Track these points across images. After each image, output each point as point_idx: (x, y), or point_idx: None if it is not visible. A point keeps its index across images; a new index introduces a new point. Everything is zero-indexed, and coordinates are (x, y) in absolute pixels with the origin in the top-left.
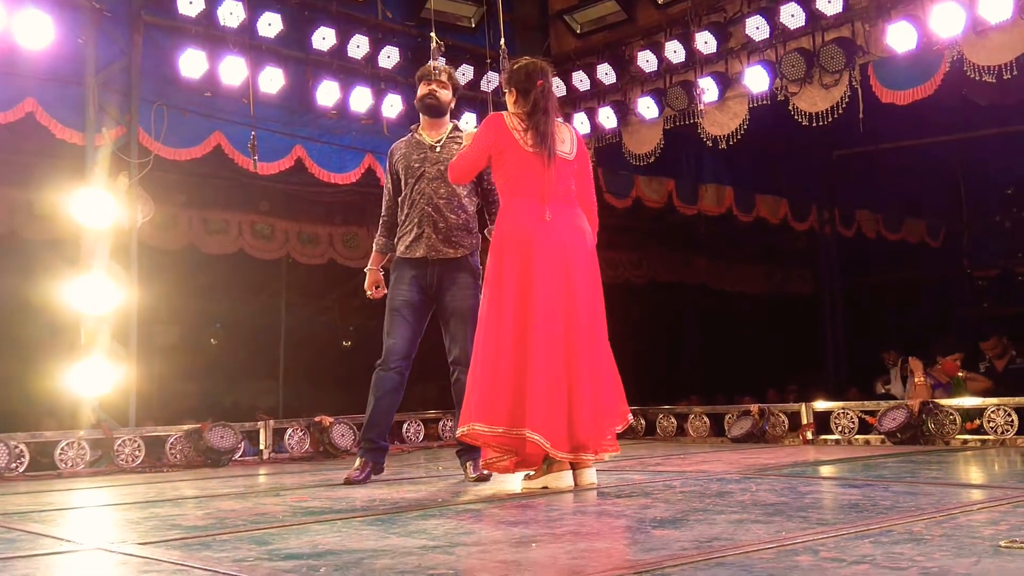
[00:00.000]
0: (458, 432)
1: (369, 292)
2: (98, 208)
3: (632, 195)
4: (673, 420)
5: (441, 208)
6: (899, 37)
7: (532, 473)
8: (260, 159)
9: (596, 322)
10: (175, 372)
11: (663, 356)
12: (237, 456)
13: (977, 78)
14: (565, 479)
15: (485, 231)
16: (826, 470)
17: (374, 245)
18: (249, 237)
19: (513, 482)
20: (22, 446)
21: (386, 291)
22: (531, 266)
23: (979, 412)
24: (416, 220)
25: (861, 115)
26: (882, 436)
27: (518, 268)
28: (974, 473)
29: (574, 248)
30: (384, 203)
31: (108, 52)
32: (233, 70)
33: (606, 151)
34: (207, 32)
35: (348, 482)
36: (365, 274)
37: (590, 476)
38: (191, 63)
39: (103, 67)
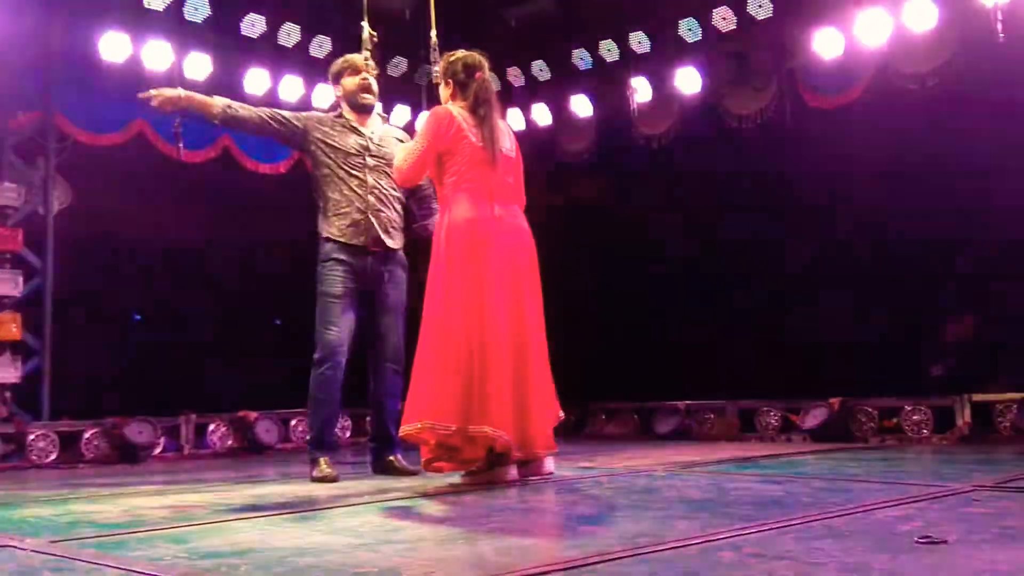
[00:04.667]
0: (404, 430)
1: (155, 94)
2: (11, 194)
3: (566, 192)
4: (602, 416)
5: (385, 200)
6: (826, 43)
7: (472, 471)
8: (185, 147)
9: (541, 321)
10: (92, 364)
11: (594, 354)
12: (156, 452)
13: (902, 85)
14: (509, 473)
15: (414, 226)
16: (750, 467)
17: (216, 99)
18: (173, 227)
19: (444, 479)
20: None
21: (158, 101)
22: (483, 263)
23: (896, 411)
24: (358, 208)
25: (788, 118)
26: (804, 434)
27: (470, 265)
28: (892, 470)
29: (522, 247)
30: (275, 112)
31: (25, 31)
32: (158, 54)
33: (540, 148)
34: (131, 14)
35: (327, 480)
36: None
37: (549, 465)
38: (113, 46)
39: (18, 48)
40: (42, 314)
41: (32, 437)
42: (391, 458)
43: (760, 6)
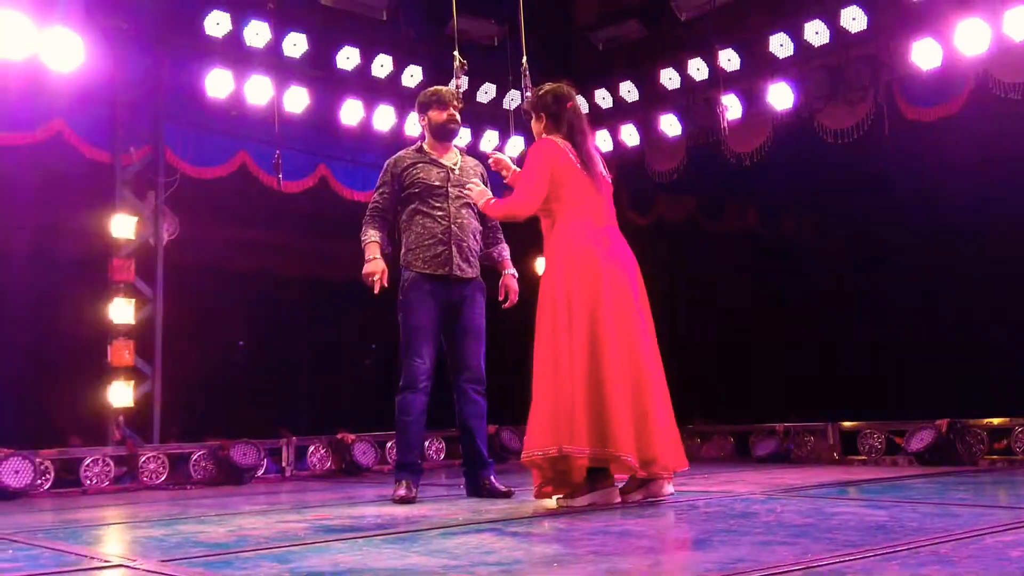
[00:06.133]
0: (532, 455)
1: (377, 278)
2: (125, 226)
3: (654, 212)
4: (697, 439)
5: (465, 229)
6: (924, 54)
7: (570, 494)
8: (284, 177)
9: (654, 341)
10: (199, 389)
11: (687, 375)
12: (259, 473)
13: (1003, 95)
14: (612, 495)
15: (480, 257)
16: (852, 491)
17: (372, 238)
18: (273, 255)
19: (541, 502)
20: (47, 463)
21: (385, 284)
22: (600, 287)
23: (1007, 432)
24: (440, 238)
25: (886, 132)
26: (910, 456)
27: (588, 289)
28: (1002, 494)
29: (633, 269)
30: (381, 200)
31: (135, 72)
32: (258, 89)
33: (628, 168)
34: (233, 52)
35: (404, 501)
36: (370, 262)
37: (668, 487)
38: (217, 83)
39: (130, 87)
40: (153, 340)
41: (143, 459)
42: (485, 480)
43: (854, 19)
